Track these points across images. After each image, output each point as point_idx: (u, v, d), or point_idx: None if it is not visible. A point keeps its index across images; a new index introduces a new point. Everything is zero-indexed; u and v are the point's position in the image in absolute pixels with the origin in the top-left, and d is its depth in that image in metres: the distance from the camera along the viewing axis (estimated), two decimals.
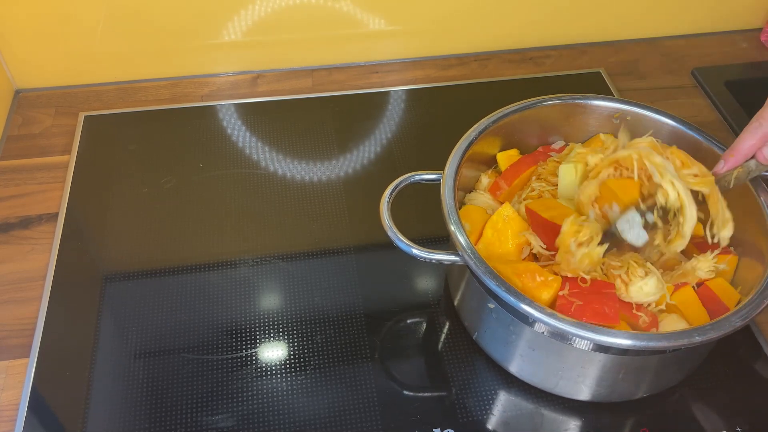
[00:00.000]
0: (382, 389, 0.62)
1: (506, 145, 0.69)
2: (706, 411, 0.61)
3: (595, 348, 0.54)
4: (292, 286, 0.70)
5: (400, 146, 0.84)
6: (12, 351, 0.65)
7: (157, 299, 0.68)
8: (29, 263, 0.71)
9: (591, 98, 0.69)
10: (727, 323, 0.51)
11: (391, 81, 0.93)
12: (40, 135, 0.85)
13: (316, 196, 0.78)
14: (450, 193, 0.59)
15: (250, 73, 0.94)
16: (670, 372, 0.60)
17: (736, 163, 0.56)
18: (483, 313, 0.60)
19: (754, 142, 0.54)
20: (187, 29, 0.89)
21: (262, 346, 0.65)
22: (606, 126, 0.69)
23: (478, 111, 0.68)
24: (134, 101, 0.90)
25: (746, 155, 0.55)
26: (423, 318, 0.67)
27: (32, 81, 0.91)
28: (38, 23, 0.85)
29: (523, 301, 0.52)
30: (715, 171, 0.58)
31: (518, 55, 0.97)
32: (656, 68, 0.96)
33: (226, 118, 0.87)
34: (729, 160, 0.56)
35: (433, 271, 0.71)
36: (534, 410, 0.61)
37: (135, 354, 0.64)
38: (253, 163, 0.82)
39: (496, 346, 0.62)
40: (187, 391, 0.62)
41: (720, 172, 0.58)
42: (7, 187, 0.79)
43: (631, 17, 0.97)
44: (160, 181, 0.79)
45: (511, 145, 0.70)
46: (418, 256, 0.56)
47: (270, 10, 0.89)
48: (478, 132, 0.65)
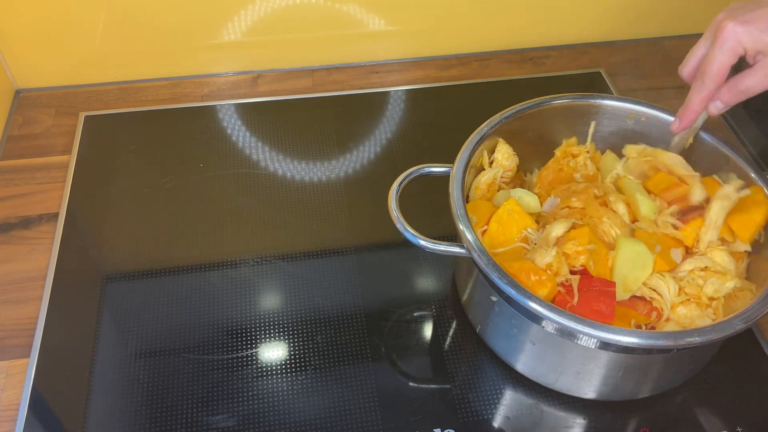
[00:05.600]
0: (383, 389, 0.62)
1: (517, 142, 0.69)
2: (707, 412, 0.61)
3: (593, 345, 0.54)
4: (292, 286, 0.70)
5: (400, 146, 0.84)
6: (12, 351, 0.65)
7: (157, 299, 0.68)
8: (29, 263, 0.71)
9: (606, 98, 0.68)
10: (729, 325, 0.51)
11: (391, 81, 0.93)
12: (40, 135, 0.85)
13: (316, 196, 0.78)
14: (458, 186, 0.60)
15: (250, 73, 0.94)
16: (671, 373, 0.59)
17: (691, 120, 0.59)
18: (486, 307, 0.60)
19: (702, 97, 0.56)
20: (187, 29, 0.89)
21: (263, 346, 0.65)
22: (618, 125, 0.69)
23: (479, 111, 0.68)
24: (134, 101, 0.90)
25: (698, 111, 0.58)
26: (423, 317, 0.67)
27: (33, 81, 0.91)
28: (39, 23, 0.85)
29: (525, 295, 0.52)
30: (673, 128, 0.61)
31: (518, 55, 0.97)
32: (656, 68, 0.96)
33: (226, 118, 0.87)
34: (684, 117, 0.59)
35: (433, 270, 0.71)
36: (534, 407, 0.61)
37: (135, 354, 0.64)
38: (253, 163, 0.82)
39: (497, 340, 0.62)
40: (187, 391, 0.62)
41: (678, 130, 0.61)
42: (7, 187, 0.79)
43: (631, 17, 0.97)
44: (160, 181, 0.79)
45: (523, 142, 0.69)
46: (425, 246, 0.57)
47: (270, 10, 0.89)
48: (490, 127, 0.65)
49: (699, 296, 0.58)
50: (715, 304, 0.58)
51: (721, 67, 0.53)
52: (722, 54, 0.52)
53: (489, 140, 0.66)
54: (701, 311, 0.57)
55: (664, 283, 0.58)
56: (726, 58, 0.52)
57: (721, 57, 0.52)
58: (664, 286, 0.57)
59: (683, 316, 0.57)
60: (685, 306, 0.57)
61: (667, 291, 0.57)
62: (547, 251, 0.58)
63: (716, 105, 0.56)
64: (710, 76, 0.54)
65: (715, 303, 0.58)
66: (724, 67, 0.53)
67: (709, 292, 0.57)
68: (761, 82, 0.52)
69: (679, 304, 0.57)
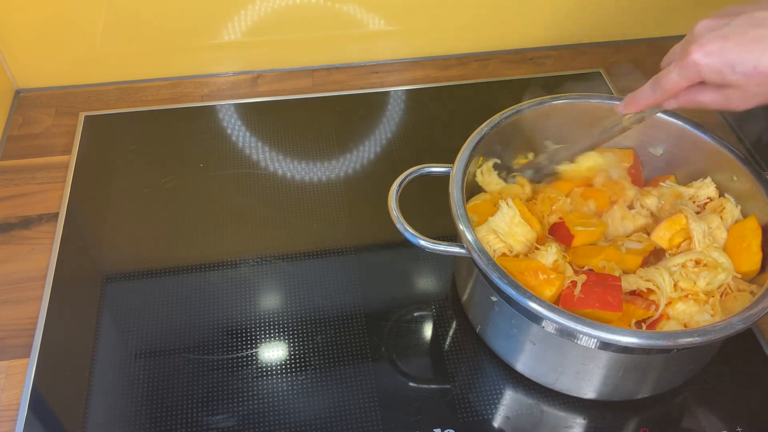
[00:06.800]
0: (383, 389, 0.62)
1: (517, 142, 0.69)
2: (707, 412, 0.61)
3: (593, 345, 0.54)
4: (292, 286, 0.70)
5: (400, 146, 0.84)
6: (12, 351, 0.65)
7: (158, 299, 0.68)
8: (29, 263, 0.71)
9: (606, 98, 0.68)
10: (729, 325, 0.51)
11: (391, 81, 0.93)
12: (40, 135, 0.85)
13: (316, 196, 0.78)
14: (458, 186, 0.60)
15: (250, 73, 0.94)
16: (671, 373, 0.60)
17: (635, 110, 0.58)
18: (487, 307, 0.60)
19: (651, 100, 0.56)
20: (187, 29, 0.89)
21: (263, 346, 0.65)
22: None
23: (479, 111, 0.68)
24: (134, 101, 0.90)
25: (643, 108, 0.58)
26: (423, 317, 0.67)
27: (33, 81, 0.91)
28: (39, 23, 0.85)
29: (525, 295, 0.52)
30: (617, 110, 0.60)
31: (518, 55, 0.97)
32: (656, 68, 0.95)
33: (226, 118, 0.87)
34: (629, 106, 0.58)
35: (433, 270, 0.71)
36: (534, 407, 0.61)
37: (135, 354, 0.64)
38: (253, 163, 0.82)
39: (497, 340, 0.62)
40: (187, 391, 0.62)
41: (621, 113, 0.60)
42: (7, 187, 0.79)
43: (631, 17, 0.97)
44: (160, 181, 0.79)
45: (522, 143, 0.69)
46: (425, 246, 0.57)
47: (270, 10, 0.89)
48: (490, 127, 0.65)
49: (695, 292, 0.58)
50: (712, 300, 0.58)
51: (675, 86, 0.52)
52: (680, 76, 0.51)
53: None
54: (700, 307, 0.57)
55: (659, 275, 0.58)
56: (683, 81, 0.51)
57: (678, 78, 0.52)
58: (660, 278, 0.58)
59: (682, 312, 0.57)
60: (683, 302, 0.57)
61: (663, 282, 0.57)
62: (548, 250, 0.58)
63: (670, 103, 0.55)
64: (664, 89, 0.53)
65: (712, 300, 0.58)
66: (678, 87, 0.52)
67: (701, 286, 0.58)
68: (717, 103, 0.52)
69: (678, 300, 0.57)
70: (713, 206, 0.65)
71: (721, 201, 0.65)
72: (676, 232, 0.62)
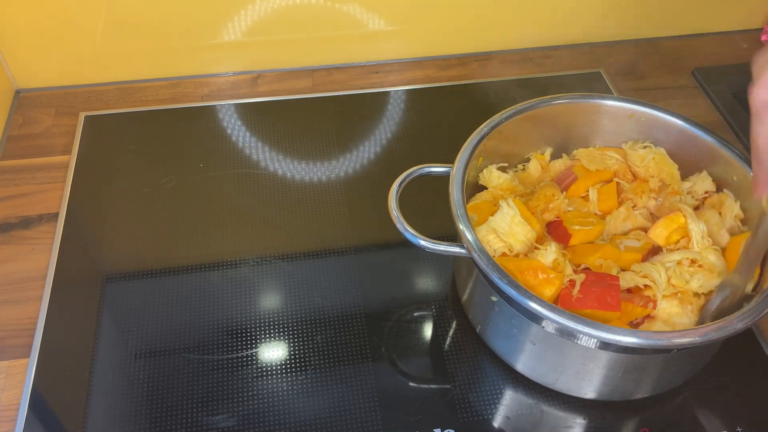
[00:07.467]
0: (383, 389, 0.62)
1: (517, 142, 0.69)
2: (707, 412, 0.61)
3: (593, 345, 0.54)
4: (292, 286, 0.70)
5: (400, 146, 0.84)
6: (12, 351, 0.65)
7: (158, 299, 0.68)
8: (29, 263, 0.71)
9: (605, 98, 0.68)
10: (729, 326, 0.51)
11: (391, 81, 0.93)
12: (40, 135, 0.85)
13: (316, 196, 0.78)
14: (458, 186, 0.60)
15: (250, 73, 0.94)
16: (671, 373, 0.59)
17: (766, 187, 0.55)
18: (487, 307, 0.60)
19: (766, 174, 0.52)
20: (187, 29, 0.89)
21: (263, 346, 0.65)
22: (619, 126, 0.69)
23: (479, 111, 0.68)
24: (134, 101, 0.90)
25: None
26: (423, 317, 0.67)
27: (33, 81, 0.91)
28: (39, 23, 0.85)
29: (525, 295, 0.52)
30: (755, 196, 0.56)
31: (518, 55, 0.97)
32: (656, 68, 0.96)
33: (226, 118, 0.87)
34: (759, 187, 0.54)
35: (433, 270, 0.71)
36: (534, 407, 0.61)
37: (135, 354, 0.64)
38: (253, 163, 0.82)
39: (497, 340, 0.62)
40: (187, 391, 0.62)
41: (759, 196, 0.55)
42: (7, 187, 0.79)
43: (631, 17, 0.97)
44: (160, 181, 0.79)
45: (522, 143, 0.69)
46: (425, 246, 0.57)
47: (270, 10, 0.89)
48: (490, 127, 0.65)
49: (685, 291, 0.57)
50: (696, 302, 0.58)
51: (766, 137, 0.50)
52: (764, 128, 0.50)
53: None
54: (681, 309, 0.57)
55: (655, 270, 0.58)
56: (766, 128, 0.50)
57: (763, 129, 0.50)
58: (656, 273, 0.57)
59: (662, 310, 0.57)
60: (667, 300, 0.57)
61: (660, 277, 0.57)
62: (548, 249, 0.58)
63: None
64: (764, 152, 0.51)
65: (696, 302, 0.58)
66: None
67: (694, 287, 0.57)
68: None
69: (664, 298, 0.57)
70: (712, 201, 0.65)
71: (719, 197, 0.65)
72: (674, 230, 0.62)
